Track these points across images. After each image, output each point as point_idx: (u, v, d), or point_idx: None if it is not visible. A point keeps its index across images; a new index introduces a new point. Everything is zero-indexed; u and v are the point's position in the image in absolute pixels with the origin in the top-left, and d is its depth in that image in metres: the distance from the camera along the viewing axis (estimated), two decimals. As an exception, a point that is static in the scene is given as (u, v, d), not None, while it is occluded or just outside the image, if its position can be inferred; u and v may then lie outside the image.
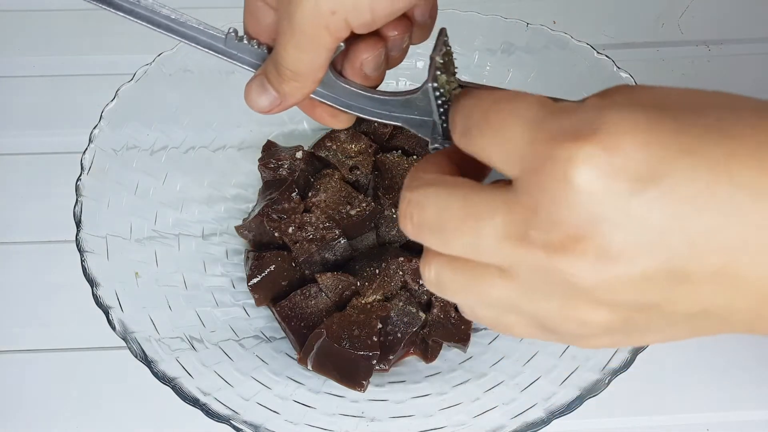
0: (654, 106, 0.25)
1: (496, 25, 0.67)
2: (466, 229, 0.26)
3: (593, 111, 0.25)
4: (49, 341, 0.58)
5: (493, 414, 0.48)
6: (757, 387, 0.57)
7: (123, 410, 0.55)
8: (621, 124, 0.24)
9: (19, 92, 0.75)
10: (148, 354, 0.47)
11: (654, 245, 0.24)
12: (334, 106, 0.38)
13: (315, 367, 0.53)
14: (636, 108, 0.24)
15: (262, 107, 0.37)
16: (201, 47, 0.38)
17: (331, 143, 0.64)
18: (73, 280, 0.54)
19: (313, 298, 0.56)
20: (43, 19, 0.82)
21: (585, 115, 0.25)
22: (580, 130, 0.24)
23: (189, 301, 0.54)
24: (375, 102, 0.38)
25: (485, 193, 0.27)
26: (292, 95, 0.36)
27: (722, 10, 0.83)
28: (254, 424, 0.46)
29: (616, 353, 0.48)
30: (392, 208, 0.61)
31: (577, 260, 0.24)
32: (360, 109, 0.38)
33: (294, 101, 0.37)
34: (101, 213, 0.54)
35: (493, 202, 0.26)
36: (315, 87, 0.36)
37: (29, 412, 0.55)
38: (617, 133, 0.24)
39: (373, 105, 0.38)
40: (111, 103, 0.59)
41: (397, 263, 0.56)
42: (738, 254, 0.24)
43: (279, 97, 0.36)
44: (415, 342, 0.56)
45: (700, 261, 0.24)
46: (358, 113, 0.38)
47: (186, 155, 0.63)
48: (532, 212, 0.25)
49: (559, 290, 0.26)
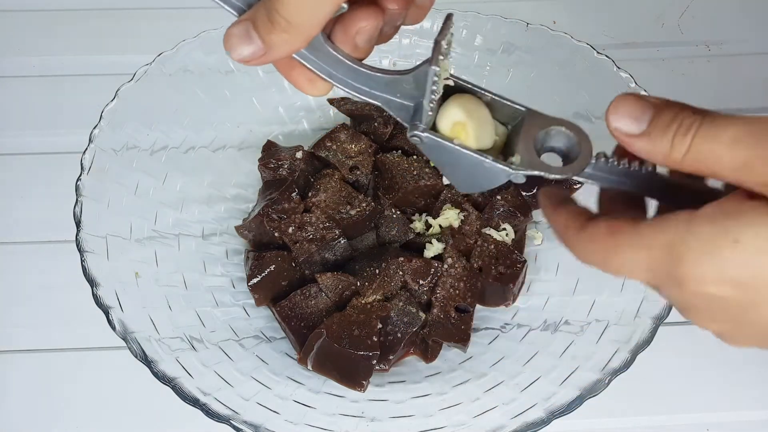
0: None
1: (496, 25, 0.67)
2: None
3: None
4: (49, 341, 0.58)
5: (493, 414, 0.48)
6: (757, 387, 0.57)
7: (123, 410, 0.55)
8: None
9: (19, 92, 0.75)
10: (148, 354, 0.47)
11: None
12: (315, 71, 0.35)
13: (315, 367, 0.53)
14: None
15: (242, 56, 0.34)
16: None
17: (331, 143, 0.64)
18: (73, 280, 0.54)
19: (313, 298, 0.56)
20: (43, 19, 0.82)
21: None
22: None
23: (189, 301, 0.54)
24: (359, 75, 0.36)
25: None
26: (279, 49, 0.33)
27: (722, 10, 0.83)
28: (254, 424, 0.46)
29: (616, 353, 0.49)
30: (392, 208, 0.61)
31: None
32: (341, 80, 0.36)
33: (278, 56, 0.34)
34: (101, 213, 0.54)
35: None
36: (305, 45, 0.34)
37: (29, 412, 0.55)
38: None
39: (356, 78, 0.36)
40: (111, 103, 0.59)
41: (397, 263, 0.56)
42: None
43: (263, 48, 0.33)
44: (415, 342, 0.56)
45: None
46: (338, 83, 0.35)
47: (186, 155, 0.63)
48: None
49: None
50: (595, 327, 0.52)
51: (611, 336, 0.50)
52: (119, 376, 0.56)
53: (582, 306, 0.55)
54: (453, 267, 0.56)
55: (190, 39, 0.64)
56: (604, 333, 0.51)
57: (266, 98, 0.68)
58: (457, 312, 0.55)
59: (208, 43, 0.65)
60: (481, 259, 0.57)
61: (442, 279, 0.56)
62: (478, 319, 0.57)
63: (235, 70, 0.67)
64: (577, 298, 0.56)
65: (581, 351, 0.51)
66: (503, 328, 0.56)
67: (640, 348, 0.48)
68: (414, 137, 0.34)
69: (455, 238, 0.59)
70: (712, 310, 0.30)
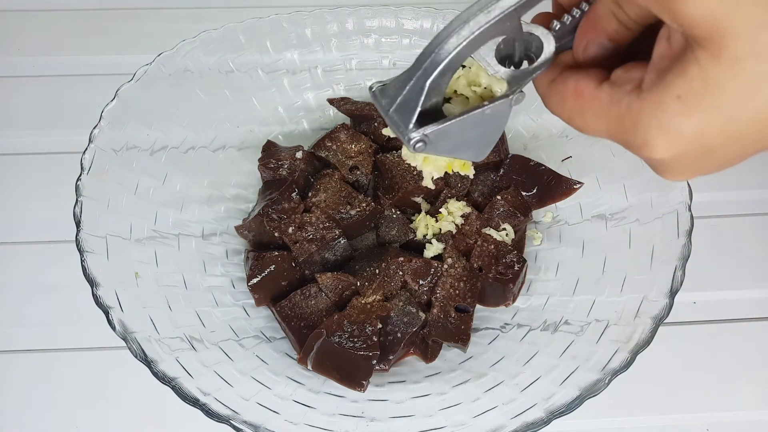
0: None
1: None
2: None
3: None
4: (49, 341, 0.58)
5: (493, 414, 0.48)
6: (757, 387, 0.57)
7: (123, 410, 0.55)
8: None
9: (19, 92, 0.75)
10: (148, 354, 0.47)
11: None
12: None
13: (315, 367, 0.53)
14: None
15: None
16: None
17: (331, 143, 0.64)
18: (73, 280, 0.54)
19: (313, 298, 0.56)
20: (43, 19, 0.82)
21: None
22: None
23: (189, 301, 0.54)
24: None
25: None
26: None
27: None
28: (254, 424, 0.46)
29: (616, 353, 0.49)
30: (392, 208, 0.61)
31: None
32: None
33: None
34: (101, 213, 0.54)
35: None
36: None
37: (29, 411, 0.55)
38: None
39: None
40: (111, 103, 0.59)
41: (397, 263, 0.56)
42: None
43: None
44: (415, 342, 0.56)
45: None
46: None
47: (186, 155, 0.63)
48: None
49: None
50: (595, 327, 0.52)
51: (611, 336, 0.50)
52: (119, 376, 0.56)
53: (582, 306, 0.55)
54: (453, 267, 0.57)
55: (190, 39, 0.64)
56: (604, 333, 0.51)
57: (266, 98, 0.68)
58: (457, 312, 0.55)
59: (208, 43, 0.65)
60: (481, 259, 0.57)
61: (442, 279, 0.56)
62: (478, 319, 0.57)
63: (235, 70, 0.67)
64: (577, 298, 0.56)
65: (581, 351, 0.50)
66: (503, 328, 0.56)
67: (640, 348, 0.48)
68: (419, 143, 0.35)
69: (455, 238, 0.59)
70: (673, 165, 0.32)
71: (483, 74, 0.36)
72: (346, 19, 0.69)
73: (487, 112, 0.35)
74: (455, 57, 0.33)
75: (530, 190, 0.63)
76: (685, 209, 0.54)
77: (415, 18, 0.69)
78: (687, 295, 0.61)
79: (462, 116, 0.35)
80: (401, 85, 0.35)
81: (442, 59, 0.33)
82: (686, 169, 0.32)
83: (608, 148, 0.61)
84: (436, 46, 0.34)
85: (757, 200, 0.68)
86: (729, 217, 0.66)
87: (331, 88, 0.70)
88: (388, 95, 0.35)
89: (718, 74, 0.28)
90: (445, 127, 0.35)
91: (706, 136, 0.29)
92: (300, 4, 0.70)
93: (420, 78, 0.34)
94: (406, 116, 0.35)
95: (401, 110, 0.35)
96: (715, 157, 0.31)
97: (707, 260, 0.63)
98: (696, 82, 0.28)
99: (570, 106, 0.34)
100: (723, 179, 0.68)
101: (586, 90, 0.33)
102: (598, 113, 0.32)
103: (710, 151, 0.30)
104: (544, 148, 0.66)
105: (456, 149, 0.37)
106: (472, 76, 0.37)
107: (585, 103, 0.33)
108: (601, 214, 0.60)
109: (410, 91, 0.34)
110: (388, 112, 0.35)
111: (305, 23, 0.68)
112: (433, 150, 0.36)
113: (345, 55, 0.70)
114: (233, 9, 0.82)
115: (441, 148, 0.36)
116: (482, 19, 0.33)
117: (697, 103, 0.29)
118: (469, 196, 0.63)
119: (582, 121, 0.33)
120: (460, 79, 0.37)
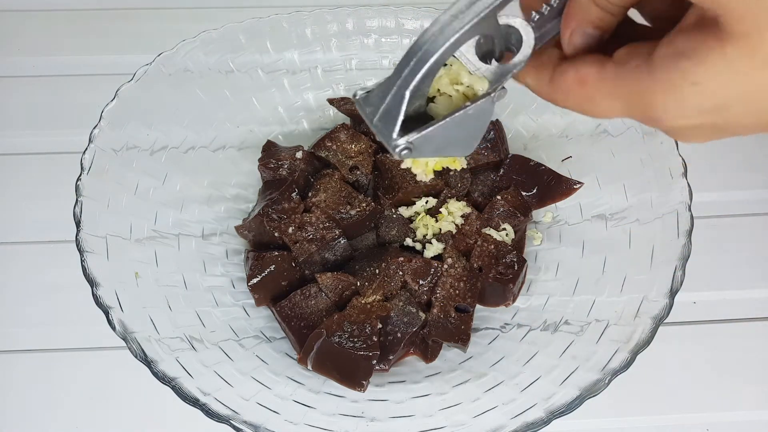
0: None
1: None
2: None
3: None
4: (49, 341, 0.58)
5: (493, 414, 0.48)
6: (757, 387, 0.57)
7: (123, 410, 0.55)
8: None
9: (19, 92, 0.75)
10: (148, 354, 0.47)
11: None
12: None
13: (315, 367, 0.53)
14: None
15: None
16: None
17: (331, 143, 0.64)
18: (73, 280, 0.54)
19: (313, 298, 0.56)
20: (43, 19, 0.82)
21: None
22: None
23: (189, 301, 0.54)
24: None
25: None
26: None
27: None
28: (254, 424, 0.46)
29: (616, 353, 0.49)
30: (392, 207, 0.61)
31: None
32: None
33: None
34: (101, 213, 0.54)
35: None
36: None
37: (29, 411, 0.55)
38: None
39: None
40: (111, 103, 0.59)
41: (397, 263, 0.56)
42: None
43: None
44: (415, 342, 0.56)
45: None
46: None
47: (186, 155, 0.63)
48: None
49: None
50: (595, 327, 0.52)
51: (611, 336, 0.50)
52: (119, 376, 0.56)
53: (582, 306, 0.55)
54: (453, 267, 0.57)
55: (190, 39, 0.64)
56: (604, 333, 0.51)
57: (266, 98, 0.68)
58: (457, 312, 0.55)
59: (208, 43, 0.65)
60: (481, 259, 0.57)
61: (442, 279, 0.56)
62: (478, 319, 0.57)
63: (235, 70, 0.67)
64: (577, 298, 0.56)
65: (581, 351, 0.50)
66: (503, 328, 0.56)
67: (640, 348, 0.48)
68: (405, 150, 0.35)
69: (455, 238, 0.59)
70: (693, 132, 0.32)
71: (464, 73, 0.36)
72: (346, 19, 0.69)
73: (469, 112, 0.35)
74: (433, 64, 0.33)
75: (530, 190, 0.63)
76: (685, 209, 0.54)
77: (415, 18, 0.69)
78: (687, 295, 0.61)
79: (444, 120, 0.35)
80: (383, 94, 0.35)
81: (420, 67, 0.33)
82: (703, 136, 0.33)
83: (608, 148, 0.61)
84: (414, 54, 0.33)
85: (757, 200, 0.68)
86: (729, 217, 0.66)
87: (331, 88, 0.70)
88: (372, 104, 0.35)
89: (748, 71, 0.28)
90: (429, 132, 0.35)
91: (723, 113, 0.30)
92: (300, 4, 0.70)
93: (401, 87, 0.34)
94: (389, 124, 0.35)
95: (385, 119, 0.35)
96: (731, 128, 0.31)
97: (707, 260, 0.63)
98: (722, 77, 0.28)
99: (577, 95, 0.33)
100: (723, 179, 0.68)
101: (588, 76, 0.33)
102: (608, 94, 0.32)
103: (724, 129, 0.31)
104: (544, 148, 0.66)
105: (442, 149, 0.37)
106: (453, 74, 0.37)
107: (592, 88, 0.33)
108: (601, 214, 0.60)
109: (392, 100, 0.34)
110: (372, 120, 0.35)
111: (305, 23, 0.68)
112: (419, 154, 0.36)
113: (345, 55, 0.70)
114: (233, 9, 0.82)
115: (427, 151, 0.36)
116: (457, 26, 0.33)
117: (716, 91, 0.29)
118: (469, 196, 0.63)
119: (594, 106, 0.33)
120: (443, 78, 0.37)
